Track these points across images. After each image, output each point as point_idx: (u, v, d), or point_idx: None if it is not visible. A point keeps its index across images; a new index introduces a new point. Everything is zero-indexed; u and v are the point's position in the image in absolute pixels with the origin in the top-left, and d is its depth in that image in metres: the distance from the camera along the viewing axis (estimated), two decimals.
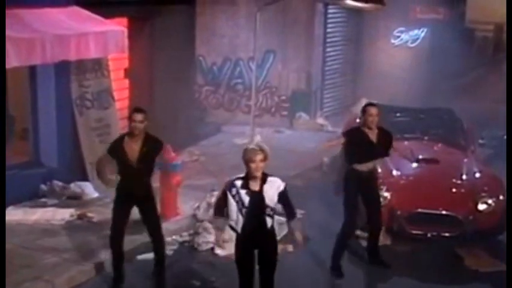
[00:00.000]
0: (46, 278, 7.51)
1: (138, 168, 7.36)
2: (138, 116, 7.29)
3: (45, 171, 10.23)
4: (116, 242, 7.52)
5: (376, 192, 8.32)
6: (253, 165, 6.11)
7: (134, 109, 7.56)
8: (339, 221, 8.59)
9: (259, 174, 6.17)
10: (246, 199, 6.17)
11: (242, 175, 6.27)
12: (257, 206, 6.20)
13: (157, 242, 7.70)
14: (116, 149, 7.44)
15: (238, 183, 6.22)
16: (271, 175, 6.29)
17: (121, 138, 7.50)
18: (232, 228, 6.35)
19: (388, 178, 9.27)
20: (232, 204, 6.21)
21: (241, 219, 6.22)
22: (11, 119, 10.22)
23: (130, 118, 7.36)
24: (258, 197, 6.19)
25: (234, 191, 6.21)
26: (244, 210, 6.18)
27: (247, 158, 6.15)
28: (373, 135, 8.10)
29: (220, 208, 6.41)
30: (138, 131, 7.30)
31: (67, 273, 7.69)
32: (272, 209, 6.27)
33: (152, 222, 7.66)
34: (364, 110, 8.16)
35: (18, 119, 10.69)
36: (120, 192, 7.54)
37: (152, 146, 7.43)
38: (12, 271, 7.27)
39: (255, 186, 6.21)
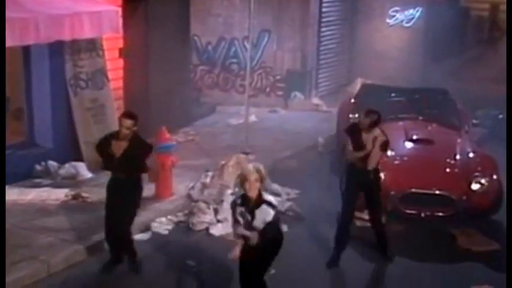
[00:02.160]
0: (42, 257, 7.54)
1: (121, 167, 7.28)
2: (127, 122, 7.16)
3: (39, 151, 10.23)
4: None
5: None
6: (247, 185, 6.12)
7: (123, 113, 7.42)
8: (333, 201, 8.66)
9: (253, 194, 6.15)
10: (249, 216, 6.22)
11: (242, 193, 6.29)
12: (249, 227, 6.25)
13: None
14: (104, 146, 7.37)
15: (239, 201, 6.28)
16: (268, 201, 6.22)
17: (110, 136, 7.39)
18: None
19: (382, 158, 9.29)
20: (241, 222, 6.29)
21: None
22: (5, 98, 10.19)
23: (119, 121, 7.26)
24: (248, 218, 6.23)
25: (238, 210, 6.27)
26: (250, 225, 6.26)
27: (241, 177, 6.18)
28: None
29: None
30: (123, 135, 7.19)
31: (63, 253, 7.72)
32: (259, 231, 6.21)
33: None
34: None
35: (12, 99, 10.65)
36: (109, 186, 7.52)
37: (138, 149, 7.27)
38: (8, 251, 7.28)
39: (250, 203, 6.22)
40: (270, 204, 6.20)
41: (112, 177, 7.51)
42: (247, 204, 6.19)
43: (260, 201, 6.17)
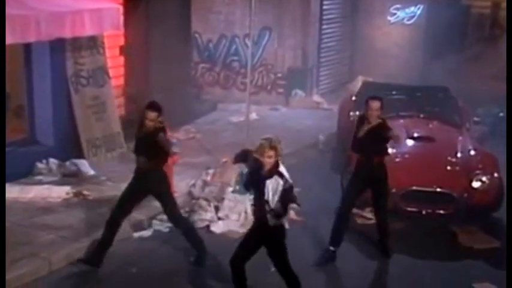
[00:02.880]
0: (43, 255, 7.55)
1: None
2: (151, 115, 7.24)
3: (40, 148, 10.23)
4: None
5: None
6: (261, 158, 6.24)
7: (148, 105, 7.41)
8: (334, 198, 8.65)
9: (266, 168, 6.25)
10: (255, 183, 6.31)
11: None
12: (261, 197, 6.29)
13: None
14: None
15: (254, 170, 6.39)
16: (280, 171, 6.30)
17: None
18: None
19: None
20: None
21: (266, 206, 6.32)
22: (6, 96, 10.18)
23: (143, 114, 7.30)
24: (262, 186, 6.27)
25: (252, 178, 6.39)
26: (255, 196, 6.35)
27: (258, 152, 6.29)
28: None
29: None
30: (147, 128, 7.26)
31: (64, 250, 7.72)
32: (271, 209, 6.25)
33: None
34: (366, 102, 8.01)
35: (13, 96, 10.65)
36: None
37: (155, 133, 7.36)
38: (9, 248, 7.29)
39: (263, 171, 6.30)
40: (280, 174, 6.27)
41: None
42: (261, 172, 6.26)
43: (273, 172, 6.24)
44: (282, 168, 6.36)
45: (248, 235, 6.67)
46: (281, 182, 6.23)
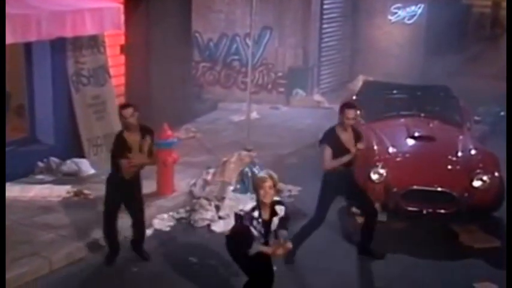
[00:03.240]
0: (43, 254, 7.55)
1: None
2: (128, 111, 7.33)
3: (41, 148, 10.24)
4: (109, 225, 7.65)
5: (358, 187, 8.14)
6: (261, 192, 6.16)
7: (121, 106, 7.58)
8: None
9: (267, 200, 6.20)
10: (263, 229, 6.24)
11: (253, 205, 6.28)
12: (267, 235, 6.28)
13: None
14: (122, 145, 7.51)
15: (256, 214, 6.23)
16: (278, 201, 6.31)
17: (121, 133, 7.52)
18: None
19: (384, 155, 9.30)
20: (255, 233, 6.26)
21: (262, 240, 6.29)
22: (6, 95, 10.18)
23: (120, 115, 7.39)
24: (267, 226, 6.25)
25: (255, 223, 6.22)
26: (261, 239, 6.27)
27: (255, 184, 6.25)
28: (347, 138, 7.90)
29: (247, 243, 6.28)
30: (134, 127, 7.35)
31: (64, 249, 7.73)
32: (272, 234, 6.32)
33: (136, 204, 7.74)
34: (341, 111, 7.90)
35: (14, 95, 10.66)
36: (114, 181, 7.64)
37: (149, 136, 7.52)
38: (9, 247, 7.30)
39: (265, 215, 6.24)
40: (279, 202, 6.30)
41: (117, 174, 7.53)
42: (264, 212, 6.20)
43: (274, 205, 6.24)
44: (281, 208, 6.33)
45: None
46: (283, 209, 6.26)
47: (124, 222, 7.87)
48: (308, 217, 8.97)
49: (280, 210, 6.26)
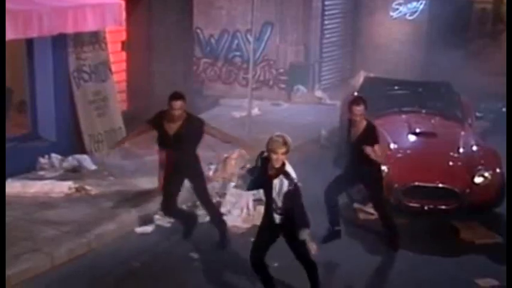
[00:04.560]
0: (45, 250, 7.56)
1: (176, 145, 7.60)
2: (177, 104, 7.44)
3: (43, 144, 10.24)
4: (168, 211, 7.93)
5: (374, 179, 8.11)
6: (274, 157, 6.18)
7: (172, 96, 7.58)
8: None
9: (278, 165, 6.22)
10: (263, 183, 6.31)
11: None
12: (269, 195, 6.32)
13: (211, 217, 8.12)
14: (157, 123, 7.71)
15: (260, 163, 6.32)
16: (286, 172, 6.27)
17: (161, 114, 7.69)
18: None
19: (385, 151, 9.30)
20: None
21: (275, 209, 6.35)
22: (8, 91, 10.21)
23: (169, 104, 7.48)
24: (269, 185, 6.27)
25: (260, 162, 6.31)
26: (265, 195, 6.36)
27: (270, 148, 6.20)
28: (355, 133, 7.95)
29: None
30: (176, 117, 7.50)
31: (66, 245, 7.74)
32: (277, 207, 6.30)
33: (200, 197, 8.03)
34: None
35: (15, 91, 10.68)
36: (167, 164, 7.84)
37: (191, 127, 7.61)
38: (11, 243, 7.32)
39: (271, 171, 6.28)
40: (286, 174, 6.24)
41: (168, 155, 7.79)
42: (267, 172, 6.24)
43: (280, 171, 6.23)
44: (289, 168, 6.32)
45: (259, 232, 6.63)
46: (286, 183, 6.23)
47: None
48: (308, 212, 8.98)
49: (283, 184, 6.22)
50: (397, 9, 17.66)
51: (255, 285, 6.90)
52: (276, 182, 6.24)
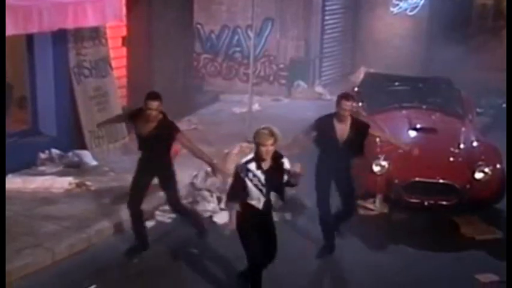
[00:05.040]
0: (46, 245, 7.57)
1: (148, 146, 7.46)
2: (153, 104, 7.25)
3: (43, 139, 10.24)
4: (133, 206, 7.67)
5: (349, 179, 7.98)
6: (263, 149, 6.17)
7: (148, 95, 7.40)
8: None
9: (268, 157, 6.23)
10: (262, 177, 6.25)
11: (250, 157, 6.30)
12: (271, 184, 6.31)
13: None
14: (132, 120, 7.59)
15: (252, 166, 6.26)
16: (281, 155, 6.34)
17: (138, 112, 7.52)
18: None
19: (386, 147, 9.30)
20: (252, 187, 6.27)
21: (262, 198, 6.33)
22: (8, 87, 10.20)
23: (145, 103, 7.29)
24: (269, 176, 6.28)
25: (250, 175, 6.25)
26: (264, 189, 6.28)
27: (258, 141, 6.20)
28: (342, 130, 7.72)
29: (236, 194, 6.34)
30: (152, 117, 7.31)
31: (67, 240, 7.74)
32: (264, 194, 6.33)
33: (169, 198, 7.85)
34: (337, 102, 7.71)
35: (15, 87, 10.68)
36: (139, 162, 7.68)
37: (164, 131, 7.40)
38: (12, 239, 7.33)
39: (265, 166, 6.29)
40: (280, 156, 6.35)
41: (141, 155, 7.63)
42: (261, 167, 6.24)
43: (276, 157, 6.26)
44: (287, 164, 6.39)
45: (246, 232, 6.50)
46: (284, 176, 6.33)
47: None
48: (308, 208, 9.00)
49: (286, 162, 6.29)
50: (398, 4, 17.64)
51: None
52: (274, 168, 6.28)
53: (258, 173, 6.24)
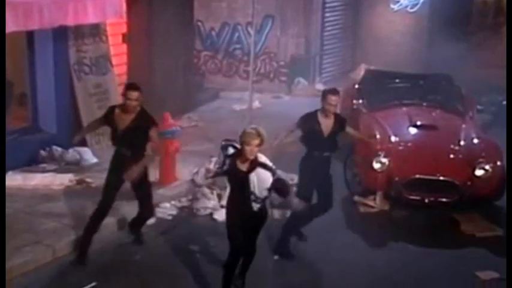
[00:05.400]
0: (46, 242, 7.57)
1: (124, 141, 7.31)
2: (133, 94, 7.15)
3: (44, 136, 10.24)
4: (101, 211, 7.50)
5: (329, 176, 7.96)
6: (248, 148, 6.16)
7: (128, 86, 7.35)
8: (336, 185, 8.63)
9: (251, 157, 6.22)
10: (233, 179, 6.29)
11: (234, 152, 6.30)
12: (242, 190, 6.27)
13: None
14: (108, 118, 7.42)
15: (231, 151, 6.28)
16: (263, 163, 6.28)
17: (112, 109, 7.41)
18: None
19: (386, 144, 9.31)
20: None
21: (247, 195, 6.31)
22: (8, 84, 10.19)
23: (124, 95, 7.22)
24: (243, 180, 6.25)
25: (229, 151, 6.27)
26: (234, 190, 6.32)
27: (243, 140, 6.19)
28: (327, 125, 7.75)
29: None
30: (131, 108, 7.20)
31: (67, 237, 7.75)
32: (257, 197, 6.28)
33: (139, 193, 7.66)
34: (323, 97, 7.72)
35: (16, 84, 10.66)
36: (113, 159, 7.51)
37: (142, 123, 7.24)
38: (12, 236, 7.33)
39: (243, 167, 6.26)
40: (264, 166, 6.26)
41: (115, 152, 7.47)
42: (236, 166, 6.24)
43: (255, 164, 6.22)
44: (263, 158, 6.33)
45: (233, 232, 6.49)
46: (268, 174, 6.25)
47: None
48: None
49: (266, 179, 6.22)
50: (398, 1, 17.61)
51: (254, 276, 6.91)
52: (253, 176, 6.22)
53: (232, 169, 6.25)
